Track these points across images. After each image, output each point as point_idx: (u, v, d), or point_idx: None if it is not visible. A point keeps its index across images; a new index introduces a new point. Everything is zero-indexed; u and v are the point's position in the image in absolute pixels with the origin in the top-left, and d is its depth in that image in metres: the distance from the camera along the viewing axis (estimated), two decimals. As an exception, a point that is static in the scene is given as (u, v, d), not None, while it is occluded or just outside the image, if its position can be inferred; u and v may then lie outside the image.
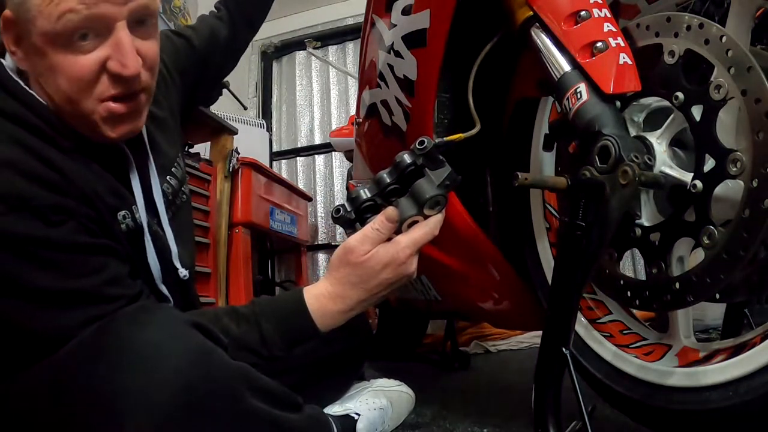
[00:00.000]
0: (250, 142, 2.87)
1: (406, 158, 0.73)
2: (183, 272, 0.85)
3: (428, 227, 0.74)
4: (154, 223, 0.82)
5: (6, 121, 0.67)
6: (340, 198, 3.62)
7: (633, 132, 0.69)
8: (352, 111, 3.48)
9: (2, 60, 0.74)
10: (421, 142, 0.72)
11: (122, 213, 0.75)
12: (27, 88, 0.71)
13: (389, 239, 0.74)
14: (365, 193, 0.75)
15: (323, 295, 0.76)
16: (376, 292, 0.75)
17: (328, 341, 0.93)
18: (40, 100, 0.71)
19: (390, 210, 0.73)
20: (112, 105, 0.71)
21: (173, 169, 0.91)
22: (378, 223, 0.73)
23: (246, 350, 0.73)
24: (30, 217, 0.63)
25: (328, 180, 3.69)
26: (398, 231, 0.75)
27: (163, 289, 0.82)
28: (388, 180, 0.74)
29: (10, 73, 0.72)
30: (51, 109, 0.71)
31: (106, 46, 0.68)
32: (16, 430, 0.66)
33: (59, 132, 0.71)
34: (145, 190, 0.81)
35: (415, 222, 0.74)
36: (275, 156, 3.80)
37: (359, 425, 0.89)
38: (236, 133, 2.26)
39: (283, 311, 0.76)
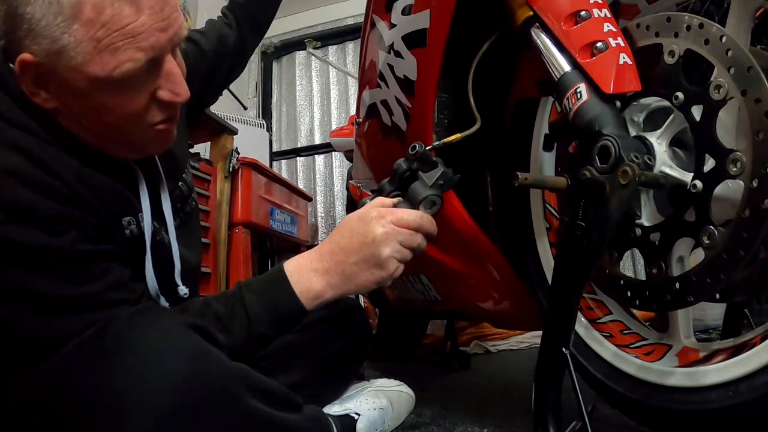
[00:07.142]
0: (250, 142, 2.88)
1: (402, 165, 0.77)
2: (183, 290, 0.85)
3: (415, 215, 0.75)
4: (161, 231, 0.81)
5: (9, 127, 0.66)
6: (340, 198, 3.63)
7: (633, 132, 0.69)
8: (352, 111, 3.48)
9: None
10: (413, 148, 0.75)
11: (127, 219, 0.75)
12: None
13: None
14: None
15: (298, 257, 0.79)
16: (347, 247, 0.75)
17: (326, 338, 0.93)
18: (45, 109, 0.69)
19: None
20: (162, 127, 0.72)
21: (184, 175, 0.91)
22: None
23: (235, 322, 0.73)
24: (32, 227, 0.63)
25: (328, 180, 3.69)
26: None
27: (162, 301, 0.81)
28: (389, 188, 0.78)
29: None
30: (58, 123, 0.70)
31: (156, 78, 0.68)
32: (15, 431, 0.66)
33: (64, 142, 0.69)
34: (154, 199, 0.80)
35: None
36: (275, 156, 3.80)
37: (359, 425, 0.89)
38: (236, 133, 2.26)
39: (263, 278, 0.79)
